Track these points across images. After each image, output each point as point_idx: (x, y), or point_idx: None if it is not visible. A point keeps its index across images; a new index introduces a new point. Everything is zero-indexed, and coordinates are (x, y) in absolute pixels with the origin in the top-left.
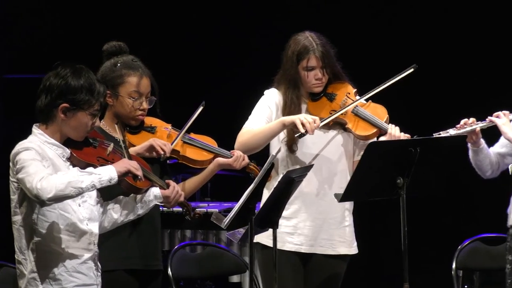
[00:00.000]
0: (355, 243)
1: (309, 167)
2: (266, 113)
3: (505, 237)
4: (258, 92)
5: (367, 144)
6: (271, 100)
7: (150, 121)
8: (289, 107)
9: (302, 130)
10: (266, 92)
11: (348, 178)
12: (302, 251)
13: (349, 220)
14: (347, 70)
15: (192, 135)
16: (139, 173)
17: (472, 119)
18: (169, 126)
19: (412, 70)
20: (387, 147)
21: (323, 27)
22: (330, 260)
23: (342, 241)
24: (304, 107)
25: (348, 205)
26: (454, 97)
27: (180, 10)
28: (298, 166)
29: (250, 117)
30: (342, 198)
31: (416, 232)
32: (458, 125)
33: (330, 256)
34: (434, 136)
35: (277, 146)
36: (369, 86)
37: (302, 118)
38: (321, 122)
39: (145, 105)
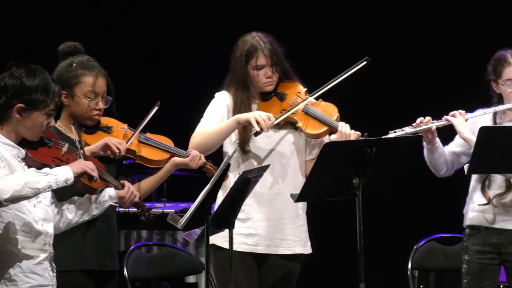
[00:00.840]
0: (309, 243)
1: (265, 167)
2: (217, 115)
3: (460, 237)
4: (215, 92)
5: (319, 143)
6: (222, 102)
7: (106, 121)
8: (239, 108)
9: (257, 128)
10: (217, 94)
11: (301, 177)
12: (258, 251)
13: (303, 219)
14: (295, 68)
15: (149, 135)
16: (95, 174)
17: (428, 118)
18: (125, 126)
19: (364, 63)
20: (343, 147)
21: (270, 27)
22: (286, 260)
23: (297, 240)
24: (254, 107)
25: (302, 204)
26: (410, 96)
27: (135, 9)
28: (250, 166)
29: (202, 120)
30: (298, 198)
31: (372, 232)
32: (414, 124)
33: (286, 256)
34: (390, 136)
35: (229, 146)
36: (319, 85)
37: (257, 116)
38: (276, 120)
39: (101, 105)
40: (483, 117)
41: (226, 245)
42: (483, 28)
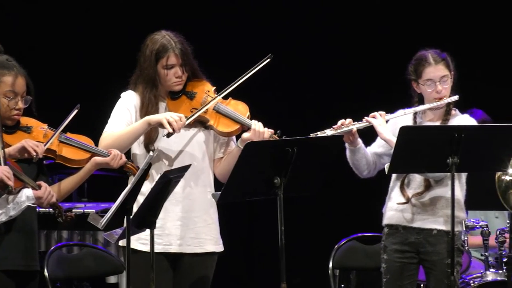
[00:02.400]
0: (221, 241)
1: (186, 167)
2: (125, 116)
3: (381, 236)
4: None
5: (227, 142)
6: (128, 102)
7: (26, 121)
8: (147, 107)
9: (170, 129)
10: (123, 94)
11: (211, 176)
12: (171, 251)
13: (214, 217)
14: (203, 67)
15: (69, 135)
16: (10, 183)
17: (349, 120)
18: (45, 126)
19: (268, 60)
20: (264, 147)
21: (176, 26)
22: (199, 259)
23: (209, 238)
24: (162, 106)
25: (212, 202)
26: (331, 97)
27: (56, 12)
28: (160, 166)
29: (109, 121)
30: (220, 198)
31: (293, 231)
32: (335, 126)
33: (199, 255)
34: (311, 136)
35: (137, 147)
36: (226, 84)
37: (168, 117)
38: (187, 119)
39: (20, 105)
40: (404, 118)
41: (140, 247)
42: (402, 28)
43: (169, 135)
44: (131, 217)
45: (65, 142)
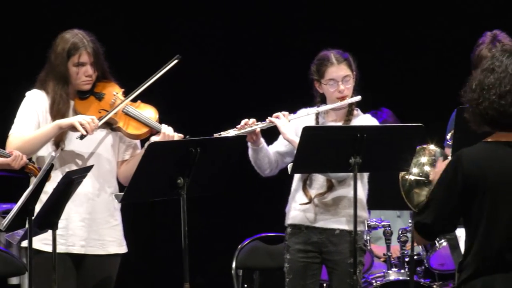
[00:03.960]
0: (125, 242)
1: (89, 168)
2: (33, 118)
3: (284, 236)
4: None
5: (133, 145)
6: (35, 102)
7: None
8: (58, 104)
9: (83, 132)
10: (29, 94)
11: (115, 177)
12: (75, 252)
13: (118, 219)
14: (112, 69)
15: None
16: None
17: (252, 120)
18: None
19: (176, 61)
20: (167, 147)
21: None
22: (102, 260)
23: (112, 240)
24: (71, 105)
25: (116, 204)
26: (235, 98)
27: None
28: (66, 167)
29: (16, 122)
30: (123, 199)
31: (197, 231)
32: (238, 126)
33: (102, 256)
34: (215, 136)
35: (44, 148)
36: (134, 87)
37: (80, 120)
38: (100, 121)
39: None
40: (307, 118)
41: (44, 248)
42: (305, 27)
43: (82, 137)
44: (33, 218)
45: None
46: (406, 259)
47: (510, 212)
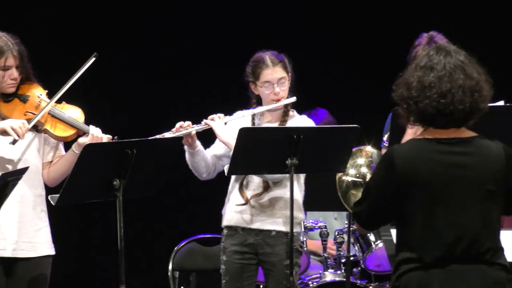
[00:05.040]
0: (53, 244)
1: (24, 170)
2: None
3: (220, 237)
4: None
5: (56, 146)
6: None
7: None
8: None
9: (16, 136)
10: None
11: (42, 179)
12: (6, 255)
13: (46, 220)
14: (36, 71)
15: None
16: None
17: (188, 122)
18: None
19: (93, 59)
20: (103, 148)
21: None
22: (34, 263)
23: (43, 242)
24: None
25: (44, 206)
26: (170, 100)
27: None
28: None
29: None
30: (58, 201)
31: (133, 233)
32: (174, 129)
33: (34, 259)
34: (150, 138)
35: None
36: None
37: (12, 124)
38: (30, 125)
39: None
40: (243, 120)
41: None
42: (241, 29)
43: (14, 142)
44: None
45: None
46: (343, 260)
47: (443, 208)
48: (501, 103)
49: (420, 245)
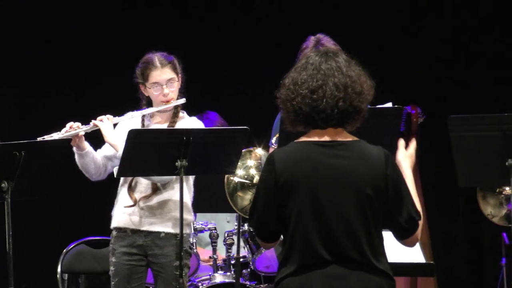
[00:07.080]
0: None
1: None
2: None
3: (109, 239)
4: None
5: None
6: None
7: None
8: None
9: None
10: None
11: None
12: None
13: None
14: None
15: None
16: None
17: (77, 123)
18: None
19: None
20: None
21: None
22: None
23: None
24: None
25: None
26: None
27: None
28: None
29: None
30: None
31: (22, 235)
32: (64, 129)
33: None
34: (38, 140)
35: None
36: None
37: None
38: None
39: None
40: (132, 121)
41: None
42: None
43: None
44: None
45: None
46: (232, 262)
47: (322, 211)
48: (389, 105)
49: (300, 248)
